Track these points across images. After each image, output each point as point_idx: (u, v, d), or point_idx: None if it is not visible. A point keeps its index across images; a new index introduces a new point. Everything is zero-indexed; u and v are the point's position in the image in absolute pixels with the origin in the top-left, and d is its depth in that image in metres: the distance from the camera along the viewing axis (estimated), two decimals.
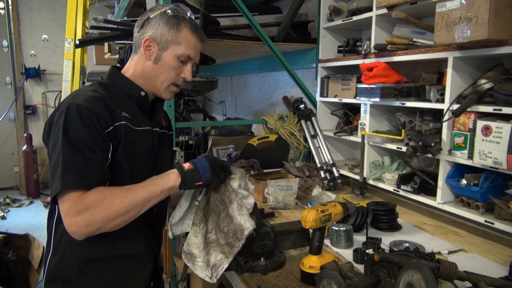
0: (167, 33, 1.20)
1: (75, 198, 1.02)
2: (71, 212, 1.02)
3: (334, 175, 2.31)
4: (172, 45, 1.21)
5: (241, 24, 2.52)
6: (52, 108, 6.23)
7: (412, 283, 0.92)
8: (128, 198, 1.07)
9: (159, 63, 1.22)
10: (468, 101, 1.53)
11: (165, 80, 1.25)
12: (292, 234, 1.45)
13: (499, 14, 1.37)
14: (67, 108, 1.07)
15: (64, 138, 1.04)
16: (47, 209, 5.22)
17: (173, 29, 1.20)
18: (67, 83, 3.85)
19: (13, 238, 2.99)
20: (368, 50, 2.11)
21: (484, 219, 1.53)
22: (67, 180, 1.01)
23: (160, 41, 1.21)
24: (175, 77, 1.25)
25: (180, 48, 1.22)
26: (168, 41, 1.21)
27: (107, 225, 1.05)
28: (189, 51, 1.23)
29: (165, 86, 1.26)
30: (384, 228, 1.68)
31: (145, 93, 1.26)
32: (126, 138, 1.16)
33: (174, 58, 1.22)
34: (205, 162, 1.19)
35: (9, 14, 5.86)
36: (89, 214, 1.02)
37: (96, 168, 1.06)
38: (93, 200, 1.03)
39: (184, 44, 1.22)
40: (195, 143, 3.19)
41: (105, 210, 1.04)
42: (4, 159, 6.13)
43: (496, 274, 1.19)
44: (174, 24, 1.21)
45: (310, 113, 2.61)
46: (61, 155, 1.03)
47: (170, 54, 1.22)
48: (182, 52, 1.22)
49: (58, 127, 1.06)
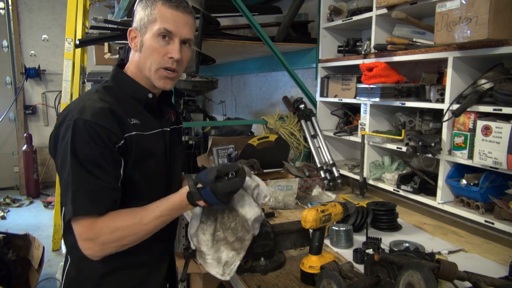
0: (143, 16, 1.13)
1: (86, 224, 1.00)
2: (84, 237, 1.01)
3: (334, 175, 2.31)
4: (149, 25, 1.12)
5: (241, 24, 2.52)
6: (52, 108, 6.24)
7: (412, 283, 0.92)
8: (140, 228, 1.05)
9: (143, 49, 1.14)
10: (468, 101, 1.53)
11: (151, 65, 1.14)
12: (292, 234, 1.45)
13: (499, 14, 1.37)
14: (74, 123, 1.01)
15: (72, 157, 1.00)
16: (47, 209, 5.23)
17: (148, 8, 1.13)
18: (67, 83, 3.84)
19: (13, 238, 2.99)
20: (368, 50, 2.11)
21: (484, 219, 1.53)
22: (79, 206, 0.99)
23: (140, 26, 1.14)
24: (161, 58, 1.13)
25: (156, 24, 1.11)
26: (146, 23, 1.13)
27: (120, 249, 1.05)
28: (165, 24, 1.11)
29: (153, 72, 1.15)
30: (384, 228, 1.68)
31: (152, 94, 1.19)
32: (138, 147, 1.11)
33: (153, 38, 1.12)
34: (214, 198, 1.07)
35: (9, 14, 5.86)
36: (101, 243, 1.02)
37: (107, 189, 1.03)
38: (102, 231, 1.01)
39: (159, 18, 1.11)
40: (195, 143, 3.19)
41: (117, 241, 1.04)
42: (4, 159, 6.13)
43: (496, 274, 1.19)
44: (149, 4, 1.13)
45: (310, 113, 2.61)
46: (71, 177, 1.00)
47: (149, 35, 1.13)
48: (158, 27, 1.11)
49: (66, 144, 1.02)
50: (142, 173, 1.13)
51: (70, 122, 1.03)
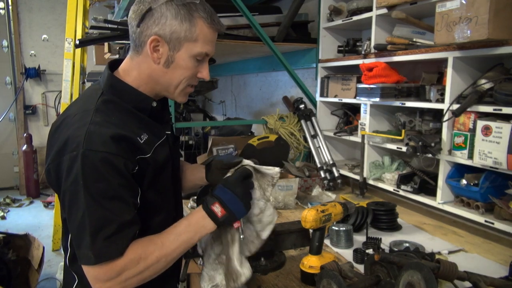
0: (179, 29, 0.97)
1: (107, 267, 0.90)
2: (101, 279, 0.90)
3: (334, 175, 2.31)
4: (186, 43, 0.98)
5: (241, 24, 2.52)
6: (52, 108, 6.23)
7: (412, 283, 0.92)
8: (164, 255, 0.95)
9: (172, 66, 1.01)
10: (468, 101, 1.53)
11: (180, 83, 1.04)
12: (292, 234, 1.45)
13: (499, 14, 1.37)
14: (83, 155, 0.89)
15: (87, 195, 0.88)
16: (47, 209, 5.23)
17: (186, 22, 0.97)
18: (67, 83, 3.84)
19: (13, 238, 2.98)
20: (368, 50, 2.11)
21: (484, 219, 1.53)
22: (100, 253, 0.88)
23: (170, 39, 0.98)
24: (192, 78, 1.05)
25: (197, 46, 0.99)
26: (181, 39, 0.98)
27: (141, 282, 0.95)
28: (208, 47, 1.01)
29: (180, 90, 1.06)
30: (384, 228, 1.68)
31: (156, 102, 1.07)
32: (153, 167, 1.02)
33: (189, 58, 1.00)
34: (237, 202, 1.01)
35: (9, 14, 5.86)
36: (123, 279, 0.91)
37: (129, 225, 0.92)
38: (124, 265, 0.91)
39: (200, 40, 0.99)
40: (195, 143, 3.19)
41: (140, 274, 0.93)
42: (4, 159, 6.13)
43: (496, 274, 1.19)
44: (186, 16, 0.97)
45: (310, 113, 2.61)
46: (87, 218, 0.88)
47: (184, 55, 1.00)
48: (200, 51, 1.00)
49: (75, 180, 0.89)
50: (156, 189, 1.05)
51: (76, 153, 0.89)
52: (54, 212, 4.02)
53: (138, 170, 0.97)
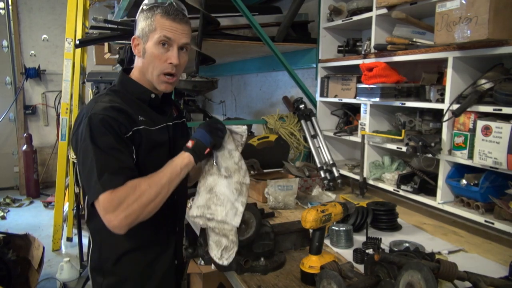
0: (145, 26, 1.25)
1: (108, 197, 1.09)
2: (109, 210, 1.09)
3: (334, 175, 2.31)
4: (150, 34, 1.24)
5: (241, 24, 2.52)
6: (52, 108, 6.24)
7: (412, 283, 0.93)
8: (154, 183, 1.15)
9: (146, 55, 1.27)
10: (468, 101, 1.53)
11: (153, 70, 1.27)
12: (292, 234, 1.45)
13: (499, 14, 1.37)
14: (89, 118, 1.14)
15: (94, 147, 1.12)
16: (47, 209, 5.23)
17: (148, 19, 1.25)
18: (67, 83, 3.84)
19: (13, 238, 2.98)
20: (368, 50, 2.11)
21: (484, 219, 1.53)
22: (105, 183, 1.09)
23: (142, 35, 1.26)
24: (162, 64, 1.26)
25: (157, 33, 1.24)
26: (147, 32, 1.25)
27: (142, 212, 1.13)
28: (165, 32, 1.23)
29: (156, 76, 1.27)
30: (384, 228, 1.68)
31: (155, 94, 1.32)
32: (147, 140, 1.24)
33: (154, 45, 1.24)
34: (202, 131, 1.28)
35: (9, 14, 5.86)
36: (125, 206, 1.09)
37: (127, 169, 1.14)
38: (125, 193, 1.10)
39: (159, 28, 1.24)
40: None
41: (138, 199, 1.11)
42: (4, 159, 6.13)
43: (496, 274, 1.19)
44: (148, 16, 1.25)
45: (310, 113, 2.61)
46: (94, 162, 1.11)
47: (150, 43, 1.25)
48: (158, 36, 1.23)
49: (85, 138, 1.14)
50: (151, 162, 1.24)
51: (86, 119, 1.15)
52: (54, 212, 4.02)
53: (131, 136, 1.20)
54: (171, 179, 1.19)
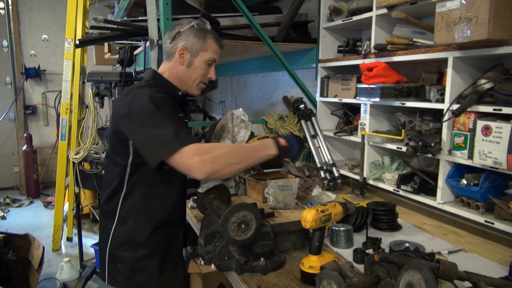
0: (197, 43, 1.50)
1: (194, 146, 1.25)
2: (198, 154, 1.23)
3: (334, 175, 2.30)
4: (201, 52, 1.51)
5: (241, 24, 2.52)
6: (52, 108, 6.23)
7: (412, 283, 0.92)
8: (242, 150, 1.37)
9: (191, 67, 1.52)
10: (468, 101, 1.53)
11: (196, 79, 1.55)
12: (292, 234, 1.46)
13: (499, 14, 1.37)
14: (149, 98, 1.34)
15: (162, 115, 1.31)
16: (47, 209, 5.23)
17: (201, 39, 1.50)
18: (67, 83, 3.84)
19: (13, 238, 2.98)
20: (368, 50, 2.11)
21: (484, 219, 1.53)
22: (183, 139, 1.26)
23: (191, 49, 1.50)
24: (203, 77, 1.56)
25: (207, 54, 1.52)
26: (198, 49, 1.51)
27: (225, 168, 1.28)
28: (214, 55, 1.54)
29: (196, 84, 1.56)
30: (384, 228, 1.68)
31: (182, 93, 1.56)
32: None
33: (203, 62, 1.52)
34: (297, 145, 1.46)
35: (9, 14, 5.86)
36: (212, 155, 1.25)
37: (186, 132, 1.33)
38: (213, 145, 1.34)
39: (210, 50, 1.52)
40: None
41: (225, 155, 1.29)
42: (4, 159, 6.13)
43: (496, 274, 1.19)
44: (201, 36, 1.50)
45: (310, 113, 2.61)
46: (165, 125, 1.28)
47: (200, 59, 1.52)
48: (209, 57, 1.53)
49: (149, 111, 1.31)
50: None
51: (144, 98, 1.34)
52: (54, 212, 4.02)
53: None
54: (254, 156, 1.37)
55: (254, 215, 1.28)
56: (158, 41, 2.23)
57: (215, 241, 1.33)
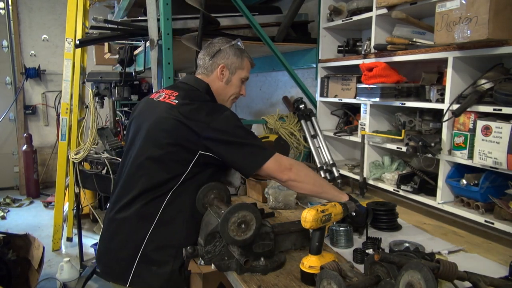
0: (236, 62, 1.61)
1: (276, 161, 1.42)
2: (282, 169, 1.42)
3: (334, 175, 2.30)
4: (238, 71, 1.62)
5: (241, 24, 2.52)
6: (52, 108, 6.23)
7: (412, 283, 0.92)
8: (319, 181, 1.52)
9: (229, 84, 1.62)
10: (468, 101, 1.53)
11: (232, 95, 1.66)
12: (292, 234, 1.45)
13: (499, 14, 1.37)
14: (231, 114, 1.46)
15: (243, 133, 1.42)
16: (47, 209, 5.23)
17: (239, 58, 1.61)
18: (67, 83, 3.83)
19: (13, 238, 2.98)
20: (368, 50, 2.11)
21: (484, 219, 1.53)
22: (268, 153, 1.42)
23: (230, 67, 1.60)
24: (237, 93, 1.67)
25: (243, 72, 1.64)
26: (236, 67, 1.61)
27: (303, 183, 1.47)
28: (248, 74, 1.67)
29: (231, 100, 1.67)
30: (384, 228, 1.68)
31: None
32: None
33: (239, 79, 1.64)
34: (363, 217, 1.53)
35: (9, 14, 5.86)
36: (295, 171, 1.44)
37: None
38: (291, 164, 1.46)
39: (245, 69, 1.65)
40: None
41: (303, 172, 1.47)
42: (4, 159, 6.13)
43: (496, 274, 1.19)
44: (239, 55, 1.62)
45: (310, 113, 2.61)
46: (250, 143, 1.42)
47: (237, 77, 1.63)
48: (245, 75, 1.65)
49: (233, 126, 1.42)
50: None
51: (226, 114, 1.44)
52: (54, 212, 4.01)
53: None
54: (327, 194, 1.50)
55: (254, 215, 1.28)
56: (158, 41, 2.23)
57: (215, 241, 1.33)
